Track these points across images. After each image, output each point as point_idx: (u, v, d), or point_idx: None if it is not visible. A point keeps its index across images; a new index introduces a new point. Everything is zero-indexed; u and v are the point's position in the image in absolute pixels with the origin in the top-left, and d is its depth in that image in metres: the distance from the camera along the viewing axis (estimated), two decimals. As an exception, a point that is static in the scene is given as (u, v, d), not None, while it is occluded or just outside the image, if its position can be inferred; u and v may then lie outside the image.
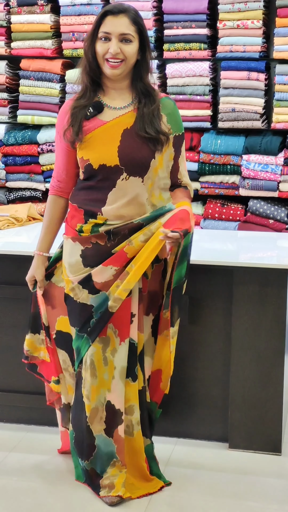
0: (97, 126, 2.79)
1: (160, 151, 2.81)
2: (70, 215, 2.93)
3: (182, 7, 4.83)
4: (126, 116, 2.80)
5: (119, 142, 2.77)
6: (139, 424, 2.96)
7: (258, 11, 4.70)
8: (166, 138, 2.81)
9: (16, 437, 3.53)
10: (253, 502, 2.99)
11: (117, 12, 2.72)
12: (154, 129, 2.77)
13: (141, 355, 2.96)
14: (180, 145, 2.90)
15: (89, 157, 2.79)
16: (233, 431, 3.40)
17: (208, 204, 5.00)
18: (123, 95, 2.84)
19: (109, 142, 2.78)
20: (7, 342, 3.62)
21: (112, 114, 2.81)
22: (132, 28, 2.72)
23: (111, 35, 2.71)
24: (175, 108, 2.90)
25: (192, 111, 4.91)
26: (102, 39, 2.73)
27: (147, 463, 3.03)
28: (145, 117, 2.78)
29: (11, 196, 5.31)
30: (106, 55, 2.73)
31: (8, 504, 2.98)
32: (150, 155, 2.80)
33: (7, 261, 3.55)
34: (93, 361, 2.90)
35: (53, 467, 3.26)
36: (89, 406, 2.93)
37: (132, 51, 2.74)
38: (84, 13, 4.97)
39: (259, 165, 4.80)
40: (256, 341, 3.32)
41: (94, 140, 2.79)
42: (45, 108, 5.16)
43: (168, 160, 2.87)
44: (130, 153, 2.77)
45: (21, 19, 5.08)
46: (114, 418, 2.93)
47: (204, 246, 3.73)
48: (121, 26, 2.71)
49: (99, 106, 2.81)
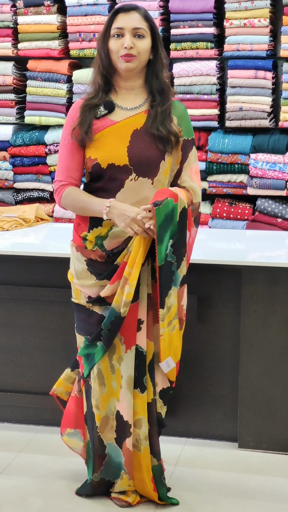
0: (107, 126, 2.77)
1: (169, 152, 2.78)
2: (77, 221, 2.89)
3: (188, 6, 4.82)
4: (137, 117, 2.78)
5: (129, 142, 2.75)
6: (147, 440, 2.88)
7: (265, 10, 4.69)
8: (176, 140, 2.78)
9: (26, 438, 3.53)
10: (262, 502, 2.99)
11: (128, 9, 2.74)
12: (165, 129, 2.75)
13: (151, 365, 2.87)
14: (188, 150, 2.85)
15: (97, 156, 2.76)
16: (243, 431, 3.39)
17: (216, 204, 4.99)
18: (135, 95, 2.82)
19: (118, 142, 2.76)
20: (16, 343, 3.62)
21: (123, 115, 2.79)
22: (144, 24, 2.74)
23: (124, 30, 2.71)
24: (186, 113, 2.87)
25: (200, 110, 4.90)
26: (115, 36, 2.73)
27: (154, 485, 2.93)
28: (158, 116, 2.76)
29: (19, 197, 5.32)
30: (120, 51, 2.72)
31: (17, 505, 2.98)
32: (159, 156, 2.76)
33: (15, 261, 3.55)
34: (101, 369, 2.86)
35: (62, 467, 3.26)
36: (99, 416, 2.89)
37: (145, 46, 2.74)
38: (90, 13, 4.97)
39: (267, 164, 4.79)
40: (265, 340, 3.31)
41: (103, 139, 2.76)
42: (53, 109, 5.17)
43: (174, 164, 2.83)
44: (139, 152, 2.74)
45: (28, 20, 5.09)
46: (123, 429, 2.88)
47: (212, 246, 3.73)
48: (134, 21, 2.72)
49: (110, 106, 2.79)
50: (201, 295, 3.34)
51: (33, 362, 3.62)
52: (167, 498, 2.95)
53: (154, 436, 2.91)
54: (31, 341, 3.62)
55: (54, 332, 3.58)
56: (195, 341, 3.34)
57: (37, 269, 3.54)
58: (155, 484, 2.92)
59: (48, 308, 3.56)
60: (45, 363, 3.60)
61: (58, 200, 2.85)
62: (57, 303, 3.53)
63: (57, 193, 2.85)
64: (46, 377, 3.61)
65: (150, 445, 2.89)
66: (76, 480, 3.11)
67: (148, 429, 2.88)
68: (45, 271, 3.53)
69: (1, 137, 5.27)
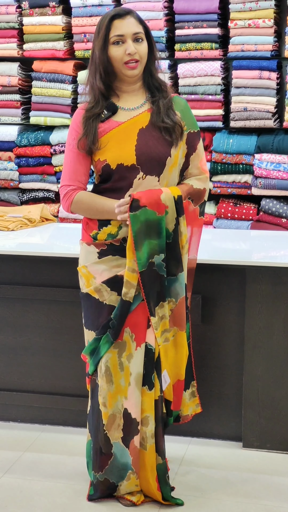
0: (112, 128, 2.79)
1: (175, 143, 2.80)
2: (85, 221, 2.91)
3: (193, 7, 4.83)
4: (141, 116, 2.81)
5: (136, 141, 2.77)
6: (153, 438, 2.88)
7: (270, 10, 4.69)
8: (181, 130, 2.81)
9: (31, 437, 3.54)
10: (267, 501, 2.99)
11: (123, 14, 2.74)
12: (170, 119, 2.78)
13: (158, 362, 2.88)
14: (195, 143, 2.89)
15: (107, 157, 2.78)
16: (247, 430, 3.40)
17: (220, 204, 5.00)
18: (136, 96, 2.84)
19: (125, 142, 2.77)
20: (21, 343, 3.64)
21: (126, 115, 2.81)
22: (140, 27, 2.76)
23: (124, 37, 2.72)
24: (187, 106, 2.91)
25: (204, 110, 4.91)
26: (115, 43, 2.73)
27: (158, 484, 2.93)
28: (161, 109, 2.79)
29: (24, 197, 5.34)
30: (123, 58, 2.73)
31: (22, 504, 2.99)
32: (166, 151, 2.78)
33: (20, 261, 3.56)
34: (109, 367, 2.86)
35: (67, 466, 3.27)
36: (106, 414, 2.89)
37: (145, 50, 2.77)
38: (95, 14, 4.98)
39: (271, 164, 4.79)
40: (269, 340, 3.32)
41: (110, 141, 2.78)
42: (58, 109, 5.18)
43: (181, 158, 2.86)
44: (147, 150, 2.76)
45: (33, 21, 5.10)
46: (130, 427, 2.88)
47: (217, 246, 3.73)
48: (132, 26, 2.74)
49: (113, 108, 2.81)
50: (205, 295, 3.34)
51: (38, 361, 3.63)
52: (171, 498, 2.95)
53: (160, 434, 2.91)
54: (36, 341, 3.63)
55: (59, 332, 3.59)
56: (199, 341, 3.35)
57: (42, 269, 3.55)
58: (159, 483, 2.93)
59: (54, 308, 3.57)
60: (51, 363, 3.62)
61: (68, 204, 2.84)
62: (63, 303, 3.54)
63: (66, 198, 2.84)
64: (52, 376, 3.62)
65: (155, 443, 2.90)
66: (81, 480, 3.12)
67: (154, 427, 2.89)
68: (50, 271, 3.54)
69: (6, 138, 5.29)
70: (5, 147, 5.31)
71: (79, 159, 2.83)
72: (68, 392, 3.60)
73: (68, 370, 3.59)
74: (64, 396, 3.60)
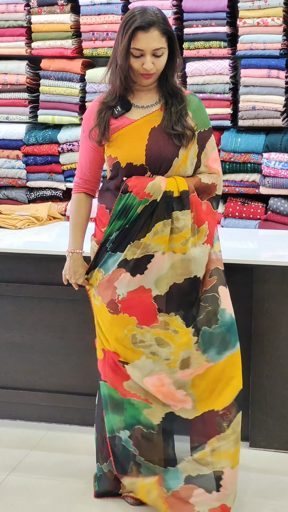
0: (126, 125, 2.80)
1: (185, 147, 2.80)
2: (98, 217, 2.94)
3: (202, 5, 4.82)
4: (153, 114, 2.82)
5: (147, 141, 2.78)
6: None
7: (278, 9, 4.68)
8: (192, 134, 2.81)
9: (38, 435, 3.54)
10: (274, 501, 2.98)
11: (147, 27, 2.69)
12: (180, 126, 2.78)
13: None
14: (204, 141, 2.88)
15: (118, 154, 2.80)
16: (254, 430, 3.39)
17: (228, 203, 4.99)
18: (150, 94, 2.85)
19: (137, 141, 2.79)
20: (28, 341, 3.64)
21: (140, 113, 2.82)
22: (162, 40, 2.72)
23: (144, 52, 2.71)
24: (200, 105, 2.90)
25: (212, 109, 4.90)
26: (134, 56, 2.72)
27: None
28: (173, 116, 2.79)
29: (32, 195, 5.34)
30: (140, 70, 2.73)
31: (29, 502, 2.99)
32: (174, 153, 2.79)
33: (28, 260, 3.57)
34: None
35: (73, 465, 3.27)
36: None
37: (163, 63, 2.76)
38: (104, 12, 4.98)
39: (279, 163, 4.77)
40: (276, 339, 3.31)
41: (122, 138, 2.80)
42: (66, 108, 5.18)
43: (192, 158, 2.86)
44: (157, 150, 2.78)
45: (41, 19, 5.10)
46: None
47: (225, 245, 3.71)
48: (153, 41, 2.70)
49: (127, 105, 2.82)
50: (213, 294, 3.34)
51: (45, 360, 3.63)
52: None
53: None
54: (43, 339, 3.63)
55: (66, 330, 3.59)
56: (206, 340, 3.34)
57: (50, 267, 3.55)
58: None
59: (61, 306, 3.57)
60: (58, 361, 3.62)
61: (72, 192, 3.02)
62: (70, 301, 3.54)
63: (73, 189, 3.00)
64: (59, 375, 3.62)
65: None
66: (87, 478, 3.12)
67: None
68: (57, 270, 3.52)
69: (14, 136, 5.29)
70: (13, 146, 5.32)
71: (89, 153, 2.90)
72: (74, 391, 3.60)
73: (75, 369, 3.59)
74: (71, 394, 3.60)
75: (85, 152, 2.92)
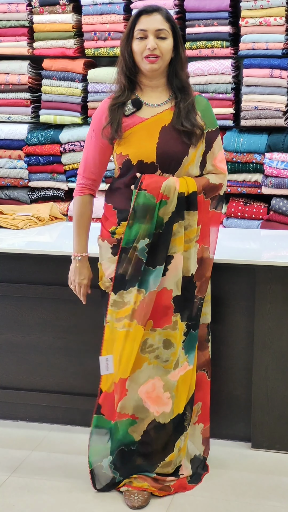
0: (137, 123, 2.84)
1: (194, 145, 2.84)
2: (105, 217, 2.95)
3: (204, 5, 4.81)
4: (164, 113, 2.86)
5: (158, 139, 2.82)
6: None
7: (281, 8, 4.67)
8: (201, 132, 2.85)
9: (39, 436, 3.54)
10: (276, 502, 2.97)
11: (150, 11, 2.80)
12: (190, 123, 2.82)
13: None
14: (211, 141, 2.93)
15: (129, 152, 2.84)
16: (256, 431, 3.38)
17: (230, 203, 4.98)
18: (160, 92, 2.89)
19: (148, 139, 2.83)
20: (30, 341, 3.63)
21: (151, 111, 2.86)
22: (166, 25, 2.80)
23: (147, 32, 2.78)
24: (208, 105, 2.96)
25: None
26: (138, 38, 2.79)
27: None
28: (182, 111, 2.83)
29: (34, 195, 5.33)
30: (144, 52, 2.78)
31: (30, 503, 2.99)
32: (184, 151, 2.83)
33: (29, 260, 3.56)
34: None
35: (75, 466, 3.26)
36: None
37: (167, 47, 2.80)
38: (106, 12, 4.97)
39: (282, 163, 4.76)
40: (278, 340, 3.30)
41: (133, 137, 2.84)
42: (68, 108, 5.17)
43: (198, 156, 2.90)
44: (168, 148, 2.81)
45: (43, 19, 5.10)
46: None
47: (227, 245, 3.71)
48: (156, 22, 2.78)
49: (138, 103, 2.86)
50: (215, 295, 3.32)
51: (47, 360, 3.63)
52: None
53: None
54: (45, 340, 3.62)
55: (68, 331, 3.58)
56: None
57: (51, 267, 3.54)
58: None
59: (62, 306, 3.57)
60: (59, 362, 3.61)
61: (75, 195, 3.01)
62: (72, 301, 3.52)
63: (77, 189, 3.00)
64: (60, 375, 3.62)
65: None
66: (88, 479, 3.11)
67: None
68: (59, 270, 3.53)
69: (16, 136, 5.28)
70: (14, 146, 5.31)
71: (96, 149, 2.92)
72: (76, 391, 3.59)
73: (77, 369, 3.59)
74: (72, 395, 3.60)
75: (93, 151, 2.93)
